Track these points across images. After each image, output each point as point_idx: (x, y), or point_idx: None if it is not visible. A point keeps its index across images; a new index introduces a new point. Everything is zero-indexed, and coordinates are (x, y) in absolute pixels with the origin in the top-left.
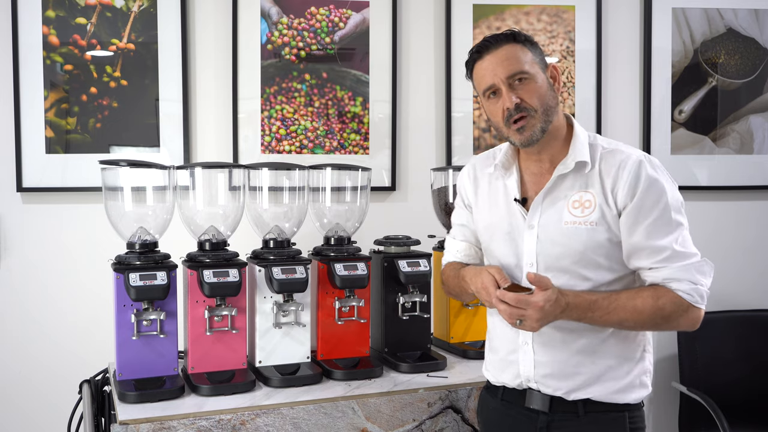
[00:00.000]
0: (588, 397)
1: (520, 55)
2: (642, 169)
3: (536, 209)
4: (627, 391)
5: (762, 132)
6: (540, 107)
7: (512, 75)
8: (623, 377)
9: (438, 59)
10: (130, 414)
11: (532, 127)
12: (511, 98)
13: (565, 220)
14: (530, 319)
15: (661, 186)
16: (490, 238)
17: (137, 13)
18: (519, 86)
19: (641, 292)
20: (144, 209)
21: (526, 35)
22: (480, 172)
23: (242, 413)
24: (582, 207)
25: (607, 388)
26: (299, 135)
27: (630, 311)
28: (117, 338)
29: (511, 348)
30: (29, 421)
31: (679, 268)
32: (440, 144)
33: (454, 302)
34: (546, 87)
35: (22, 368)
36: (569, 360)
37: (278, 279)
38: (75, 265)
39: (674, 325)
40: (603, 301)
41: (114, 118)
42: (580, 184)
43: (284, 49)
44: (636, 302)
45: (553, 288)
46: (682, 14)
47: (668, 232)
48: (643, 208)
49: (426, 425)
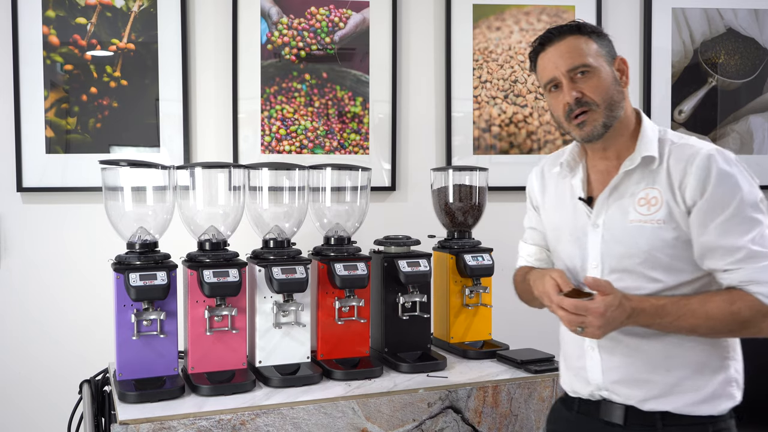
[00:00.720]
0: (666, 409)
1: (583, 48)
2: (712, 163)
3: (601, 207)
4: (710, 401)
5: (762, 132)
6: (602, 102)
7: (574, 68)
8: (704, 387)
9: (438, 59)
10: (130, 414)
11: (593, 122)
12: (572, 93)
13: (631, 219)
14: (591, 327)
15: (734, 180)
16: (557, 240)
17: (137, 13)
18: (581, 79)
19: (715, 296)
20: (144, 209)
21: (592, 26)
22: (548, 172)
23: (242, 413)
24: (648, 204)
25: (687, 399)
26: (299, 135)
27: (702, 317)
28: (117, 338)
29: (578, 353)
30: (29, 421)
31: (756, 270)
32: (440, 144)
33: (454, 302)
34: (610, 81)
35: (22, 368)
36: (639, 365)
37: (278, 279)
38: (75, 265)
39: (754, 332)
40: (672, 306)
41: (114, 118)
42: (648, 181)
43: (284, 49)
44: (708, 307)
45: (616, 293)
46: (682, 14)
47: (744, 231)
48: (715, 204)
49: (426, 425)
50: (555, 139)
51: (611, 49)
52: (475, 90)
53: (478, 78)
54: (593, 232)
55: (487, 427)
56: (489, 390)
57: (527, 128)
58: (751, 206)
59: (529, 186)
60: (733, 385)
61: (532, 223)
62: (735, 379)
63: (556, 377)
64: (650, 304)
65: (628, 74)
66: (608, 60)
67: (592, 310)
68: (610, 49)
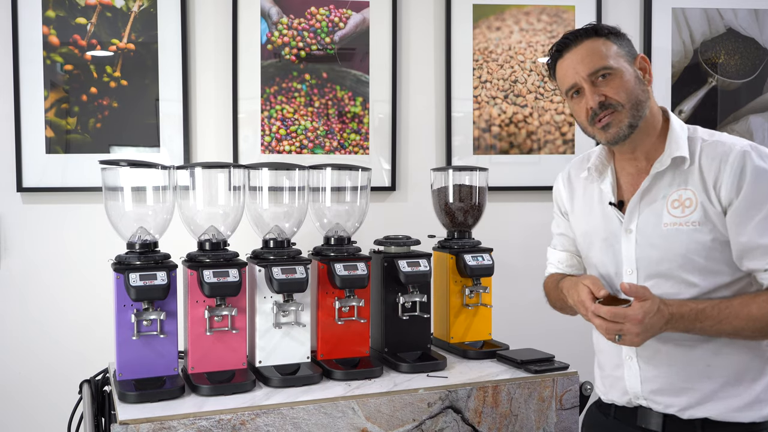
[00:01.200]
0: (706, 416)
1: (602, 50)
2: (747, 160)
3: (633, 212)
4: (752, 408)
5: (762, 132)
6: (627, 102)
7: (594, 72)
8: (745, 392)
9: (438, 59)
10: (130, 414)
11: (619, 123)
12: (594, 97)
13: (665, 222)
14: (630, 334)
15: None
16: (588, 247)
17: (137, 13)
18: (602, 83)
19: (757, 297)
20: (144, 209)
21: (609, 27)
22: (575, 177)
23: (242, 413)
24: (682, 206)
25: (728, 405)
26: (299, 135)
27: (745, 319)
28: (117, 338)
29: (615, 363)
30: (29, 420)
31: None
32: (440, 144)
33: (454, 302)
34: (634, 80)
35: (22, 368)
36: (679, 374)
37: (278, 279)
38: (75, 265)
39: None
40: (712, 309)
41: (114, 118)
42: (680, 182)
43: (284, 49)
44: (751, 308)
45: (653, 298)
46: (682, 14)
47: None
48: (753, 202)
49: (426, 425)
50: (555, 139)
51: (631, 48)
52: (475, 90)
53: (478, 78)
54: (626, 238)
55: (487, 427)
56: (489, 390)
57: (527, 128)
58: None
59: (556, 191)
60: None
61: (560, 229)
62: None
63: (556, 377)
64: (690, 309)
65: (650, 71)
66: (629, 60)
67: (631, 317)
68: (630, 48)
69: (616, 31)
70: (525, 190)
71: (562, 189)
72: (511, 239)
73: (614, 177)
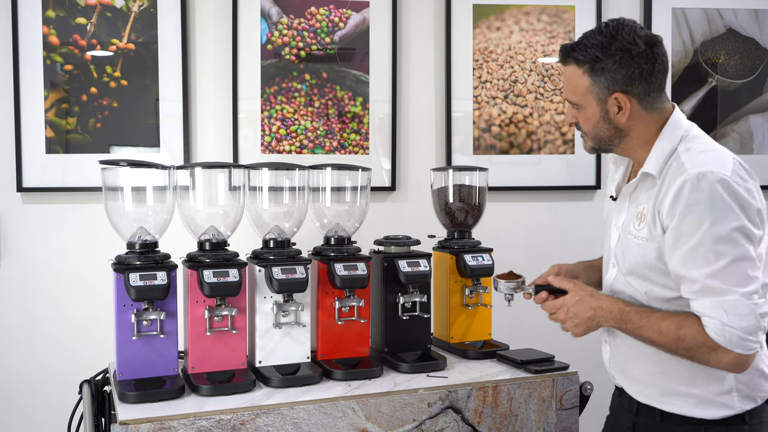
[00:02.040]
0: (663, 408)
1: (575, 84)
2: (685, 189)
3: (622, 210)
4: (703, 406)
5: (762, 132)
6: (589, 133)
7: (567, 99)
8: (699, 392)
9: (438, 59)
10: (130, 414)
11: (586, 144)
12: (569, 117)
13: (629, 231)
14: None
15: (702, 210)
16: (604, 231)
17: (137, 13)
18: (574, 108)
19: (671, 317)
20: (144, 209)
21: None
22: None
23: (242, 413)
24: (640, 219)
25: (684, 402)
26: (299, 135)
27: (656, 332)
28: (117, 338)
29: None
30: (29, 421)
31: (709, 304)
32: (440, 144)
33: (454, 302)
34: (597, 119)
35: (22, 368)
36: (638, 365)
37: (278, 279)
38: (75, 265)
39: (704, 361)
40: (635, 314)
41: (114, 118)
42: (649, 195)
43: (284, 49)
44: (662, 324)
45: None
46: (682, 14)
47: (702, 264)
48: (681, 233)
49: (426, 425)
50: (555, 139)
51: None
52: (475, 90)
53: (478, 78)
54: (614, 233)
55: (487, 428)
56: (489, 390)
57: (527, 128)
58: (716, 239)
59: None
60: (731, 394)
61: None
62: (733, 388)
63: (556, 377)
64: (618, 308)
65: (627, 109)
66: (600, 97)
67: (557, 306)
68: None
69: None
70: (525, 190)
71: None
72: (511, 239)
73: (628, 171)
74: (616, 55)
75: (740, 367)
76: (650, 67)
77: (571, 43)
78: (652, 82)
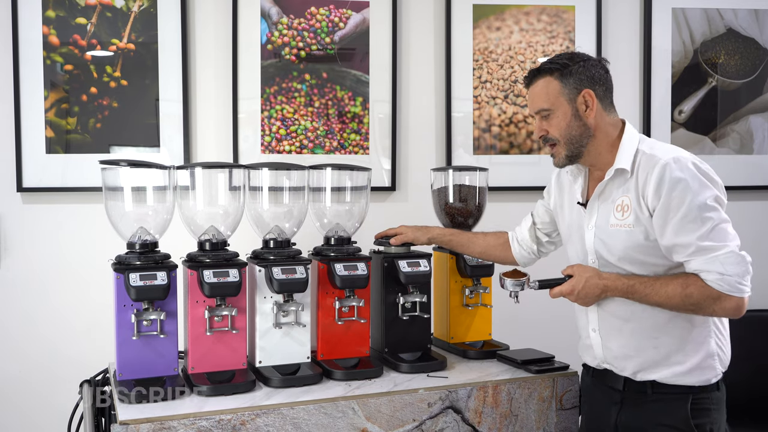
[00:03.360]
0: (654, 378)
1: (545, 92)
2: (666, 171)
3: (592, 211)
4: (691, 374)
5: (762, 132)
6: (562, 138)
7: (537, 112)
8: (686, 361)
9: (438, 59)
10: (130, 414)
11: (559, 155)
12: (538, 132)
13: (611, 223)
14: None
15: (684, 185)
16: (568, 238)
17: (137, 13)
18: (544, 120)
19: (674, 279)
20: (144, 209)
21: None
22: (564, 177)
23: (242, 413)
24: (623, 210)
25: (671, 371)
26: (299, 135)
27: (663, 296)
28: (117, 338)
29: (585, 334)
30: (29, 421)
31: (705, 261)
32: (440, 144)
33: (454, 302)
34: (569, 118)
35: (22, 368)
36: (630, 344)
37: (278, 279)
38: (75, 265)
39: (710, 312)
40: (640, 285)
41: (114, 118)
42: (623, 189)
43: (284, 49)
44: (668, 289)
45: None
46: (682, 14)
47: (693, 229)
48: (670, 208)
49: (426, 425)
50: None
51: (579, 83)
52: (475, 90)
53: (478, 78)
54: (588, 232)
55: (487, 427)
56: (489, 390)
57: (527, 128)
58: (701, 207)
59: (547, 190)
60: (714, 357)
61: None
62: (716, 352)
63: (556, 377)
64: (622, 283)
65: (593, 105)
66: (570, 97)
67: (565, 292)
68: (578, 82)
69: (565, 64)
70: (525, 190)
71: (554, 188)
72: None
73: (586, 181)
74: (580, 62)
75: (739, 311)
76: (605, 76)
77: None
78: (607, 88)
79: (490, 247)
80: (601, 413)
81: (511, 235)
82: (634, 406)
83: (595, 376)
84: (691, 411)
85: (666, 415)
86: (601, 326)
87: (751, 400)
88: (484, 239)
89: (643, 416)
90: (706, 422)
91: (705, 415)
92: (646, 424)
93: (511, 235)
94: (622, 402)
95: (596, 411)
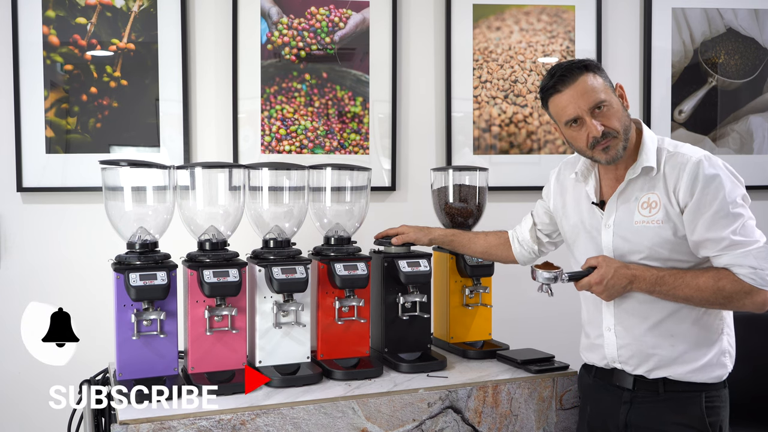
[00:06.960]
0: (667, 376)
1: (596, 85)
2: (700, 169)
3: (611, 210)
4: (704, 371)
5: (762, 132)
6: (621, 129)
7: (596, 106)
8: (701, 358)
9: (438, 59)
10: (130, 414)
11: (616, 147)
12: (597, 127)
13: (636, 220)
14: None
15: (718, 182)
16: (575, 238)
17: (137, 13)
18: (600, 113)
19: (705, 272)
20: (144, 209)
21: (594, 62)
22: (565, 178)
23: (242, 413)
24: (650, 207)
25: (685, 369)
26: (299, 135)
27: (693, 288)
28: (117, 338)
29: (597, 333)
30: (29, 421)
31: (737, 255)
32: (440, 144)
33: (454, 302)
34: (620, 109)
35: (22, 368)
36: (647, 342)
37: (278, 279)
38: (75, 265)
39: (739, 306)
40: (670, 276)
41: (114, 118)
42: (648, 187)
43: (284, 49)
44: (699, 281)
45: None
46: (682, 14)
47: (726, 225)
48: (702, 204)
49: (426, 425)
50: (555, 139)
51: (608, 77)
52: (475, 90)
53: (478, 78)
54: (605, 231)
55: (487, 427)
56: (489, 390)
57: (527, 128)
58: (732, 203)
59: (546, 191)
60: (725, 355)
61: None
62: (727, 350)
63: (556, 377)
64: (651, 274)
65: (626, 97)
66: (612, 90)
67: (594, 282)
68: (608, 78)
69: (598, 64)
70: (525, 190)
71: (556, 190)
72: None
73: (597, 181)
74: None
75: (766, 305)
76: None
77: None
78: None
79: (492, 247)
80: (606, 413)
81: (511, 234)
82: (645, 404)
83: (599, 376)
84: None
85: (680, 414)
86: (617, 325)
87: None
88: (485, 239)
89: (655, 415)
90: (716, 420)
91: (716, 413)
92: (658, 422)
93: (511, 234)
94: (631, 401)
95: (601, 411)
